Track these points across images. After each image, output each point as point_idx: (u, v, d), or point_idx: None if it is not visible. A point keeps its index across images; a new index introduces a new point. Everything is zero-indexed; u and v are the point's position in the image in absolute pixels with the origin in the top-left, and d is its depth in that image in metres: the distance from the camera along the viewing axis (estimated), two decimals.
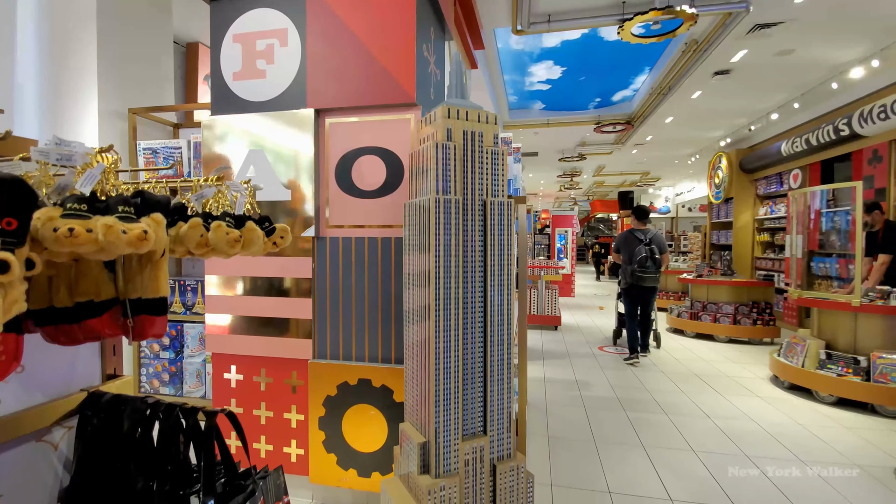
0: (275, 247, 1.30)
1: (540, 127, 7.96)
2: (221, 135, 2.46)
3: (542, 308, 7.12)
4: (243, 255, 1.18)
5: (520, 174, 2.26)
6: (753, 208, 8.89)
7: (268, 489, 0.97)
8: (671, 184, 16.10)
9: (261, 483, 0.95)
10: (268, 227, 1.28)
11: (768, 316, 6.24)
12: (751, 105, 6.82)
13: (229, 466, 1.01)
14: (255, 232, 1.17)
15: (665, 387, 4.29)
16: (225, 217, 1.09)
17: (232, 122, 2.44)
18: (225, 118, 2.46)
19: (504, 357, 1.67)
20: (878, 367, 3.59)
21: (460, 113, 1.62)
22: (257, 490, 0.93)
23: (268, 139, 2.39)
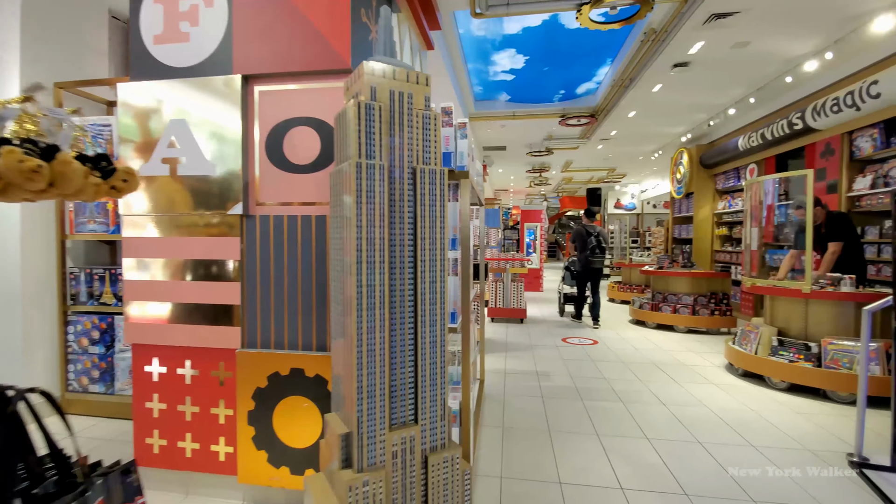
0: (115, 192, 1.10)
1: (506, 119, 7.89)
2: (140, 103, 2.23)
3: (508, 301, 7.06)
4: (58, 195, 0.98)
5: (467, 151, 2.13)
6: (713, 203, 9.11)
7: (110, 489, 0.80)
8: (636, 181, 16.42)
9: (99, 481, 0.78)
10: (106, 168, 1.08)
11: (725, 306, 6.36)
12: (709, 100, 6.94)
13: (59, 460, 0.83)
14: (71, 165, 0.97)
15: (623, 376, 4.27)
16: (24, 143, 0.89)
17: (152, 89, 2.22)
18: (144, 85, 2.23)
19: (437, 342, 1.53)
20: (828, 353, 3.66)
21: (386, 71, 1.47)
22: (91, 489, 0.76)
23: (191, 108, 2.18)
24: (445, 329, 1.55)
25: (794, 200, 4.11)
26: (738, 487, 2.35)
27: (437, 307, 1.53)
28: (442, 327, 1.55)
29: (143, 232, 2.26)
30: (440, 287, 1.54)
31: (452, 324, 2.06)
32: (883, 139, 5.06)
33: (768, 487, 2.35)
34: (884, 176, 5.12)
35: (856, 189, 5.39)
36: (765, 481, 2.41)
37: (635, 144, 10.17)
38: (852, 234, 4.14)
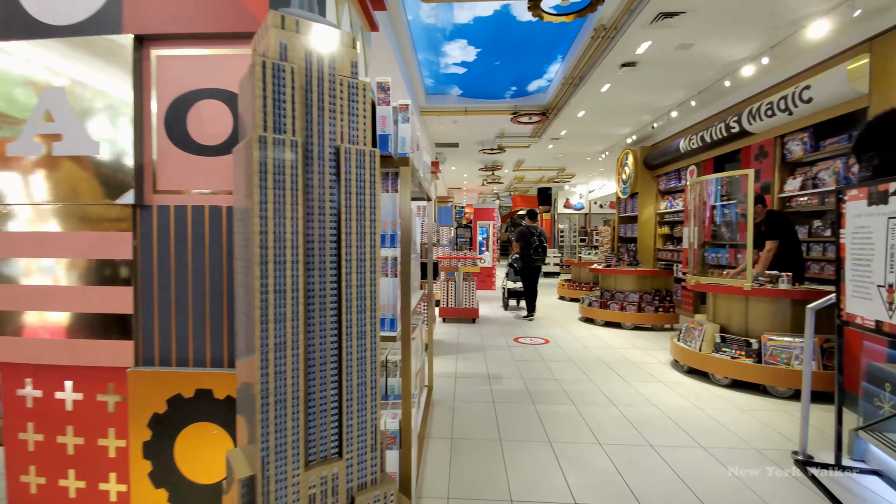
0: None
1: (458, 114, 7.71)
2: (8, 67, 1.79)
3: (459, 301, 6.88)
4: None
5: (410, 137, 1.89)
6: (656, 203, 9.41)
7: None
8: (584, 181, 16.85)
9: None
10: None
11: (668, 303, 6.53)
12: (654, 101, 7.10)
13: None
14: None
15: (574, 376, 4.20)
16: None
17: (23, 50, 1.79)
18: (14, 46, 1.80)
19: (367, 357, 1.28)
20: (768, 348, 3.74)
21: (301, 26, 1.19)
22: None
23: (72, 74, 1.78)
24: (377, 340, 1.30)
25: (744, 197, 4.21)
26: (690, 492, 2.27)
27: (367, 315, 1.28)
28: (373, 338, 1.29)
29: (10, 226, 1.83)
30: (370, 291, 1.28)
31: (391, 331, 1.81)
32: (812, 143, 5.34)
33: (718, 490, 2.29)
34: (812, 178, 5.40)
35: (787, 190, 5.66)
36: (715, 484, 2.35)
37: (584, 145, 10.34)
38: (790, 232, 4.29)
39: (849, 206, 2.39)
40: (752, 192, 3.98)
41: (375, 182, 1.28)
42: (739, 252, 4.74)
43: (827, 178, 5.22)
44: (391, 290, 1.82)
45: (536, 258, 7.10)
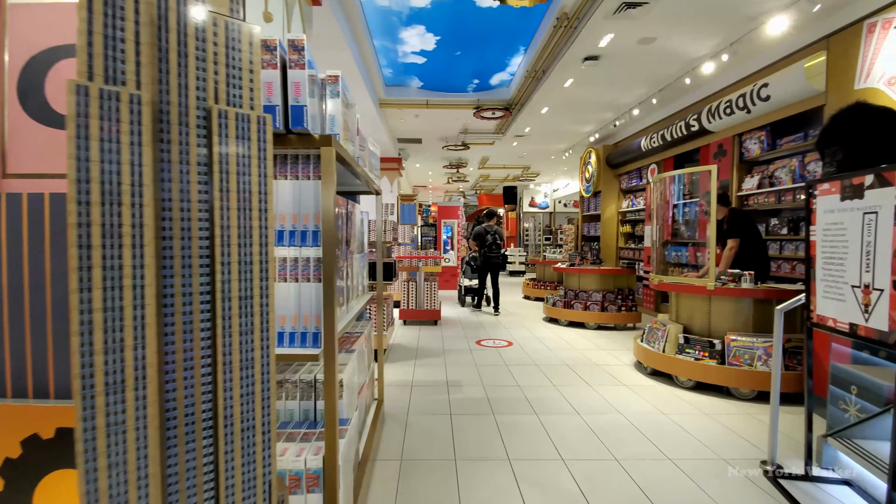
0: None
1: (420, 108, 7.40)
2: None
3: (420, 302, 6.58)
4: None
5: (341, 115, 1.57)
6: (618, 201, 9.44)
7: None
8: (549, 180, 16.91)
9: None
10: None
11: (631, 302, 6.47)
12: (616, 99, 7.04)
13: None
14: None
15: (537, 381, 3.99)
16: None
17: None
18: None
19: (257, 390, 0.96)
20: (731, 349, 3.65)
21: None
22: None
23: None
24: (270, 369, 0.98)
25: (706, 195, 4.13)
26: None
27: (256, 335, 0.96)
28: (265, 367, 0.98)
29: None
30: (260, 304, 0.97)
31: (313, 347, 1.50)
32: (769, 141, 5.36)
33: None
34: (769, 177, 5.43)
35: (744, 189, 5.68)
36: (684, 501, 2.16)
37: (548, 142, 10.26)
38: (752, 230, 4.23)
39: (820, 201, 2.26)
40: (716, 189, 3.88)
41: (266, 159, 0.97)
42: (699, 250, 4.68)
43: (783, 177, 5.25)
44: (314, 297, 1.50)
45: (492, 255, 7.48)
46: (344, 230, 2.08)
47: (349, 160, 1.82)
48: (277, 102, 1.32)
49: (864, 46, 4.06)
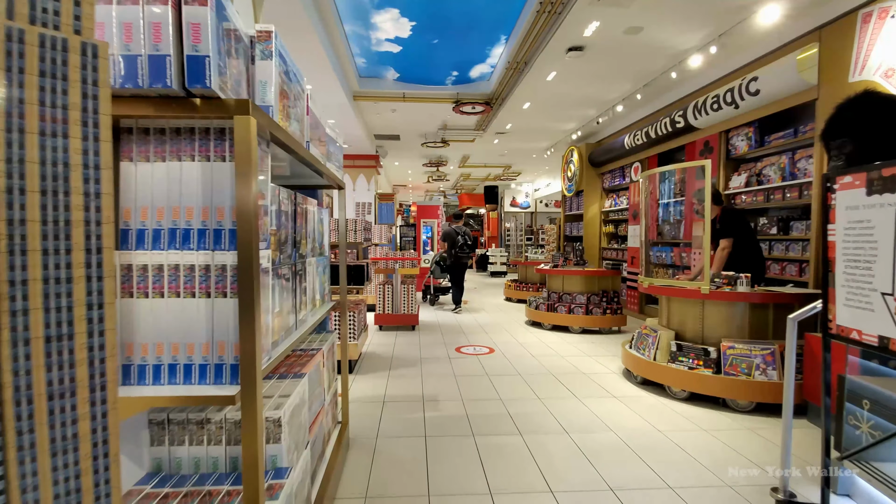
0: None
1: (396, 101, 7.03)
2: None
3: (397, 306, 6.21)
4: None
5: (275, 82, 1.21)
6: (601, 201, 9.25)
7: None
8: (530, 179, 16.73)
9: None
10: None
11: (616, 305, 6.24)
12: (600, 94, 6.81)
13: None
14: None
15: (521, 393, 3.67)
16: None
17: None
18: None
19: (84, 479, 0.59)
20: (727, 357, 3.40)
21: None
22: None
23: None
24: (111, 446, 0.62)
25: (699, 192, 3.87)
26: None
27: (82, 394, 0.59)
28: (101, 443, 0.61)
29: None
30: (89, 343, 0.60)
31: (231, 386, 1.13)
32: (757, 138, 5.19)
33: None
34: (757, 174, 5.26)
35: (732, 187, 5.50)
36: None
37: (530, 140, 10.01)
38: (746, 230, 4.01)
39: (840, 196, 1.99)
40: (710, 186, 3.63)
41: (100, 113, 0.60)
42: (684, 251, 4.44)
43: (772, 175, 5.08)
44: (232, 317, 1.14)
45: (462, 255, 7.67)
46: (289, 229, 1.71)
47: (290, 142, 1.45)
48: (169, 52, 0.95)
49: (859, 37, 3.88)
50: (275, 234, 1.55)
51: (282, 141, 1.40)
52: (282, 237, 1.63)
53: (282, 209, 1.62)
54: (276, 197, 1.50)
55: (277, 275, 1.56)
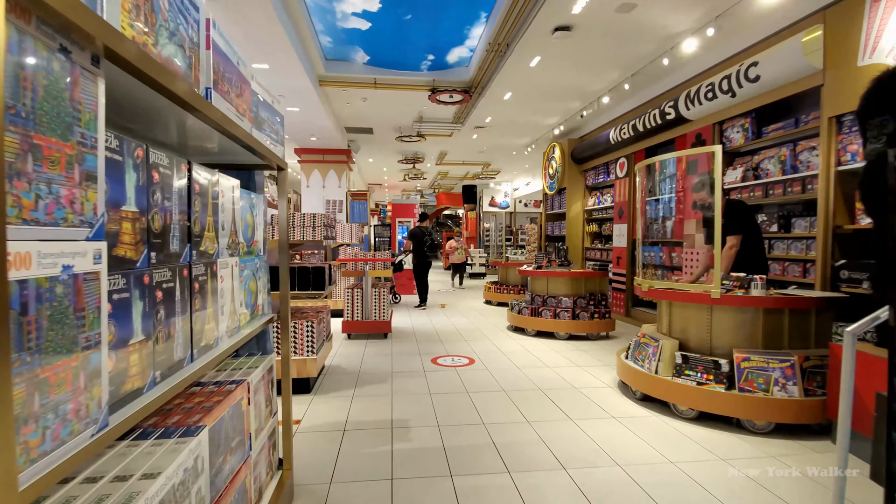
0: None
1: (367, 87, 6.44)
2: None
3: (367, 312, 5.62)
4: None
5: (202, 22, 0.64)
6: (584, 199, 8.88)
7: None
8: (509, 179, 16.34)
9: None
10: None
11: (604, 308, 5.82)
12: (586, 84, 6.40)
13: None
14: None
15: (506, 415, 3.16)
16: None
17: None
18: None
19: None
20: (742, 371, 2.97)
21: None
22: None
23: None
24: None
25: (699, 184, 3.44)
26: None
27: None
28: None
29: None
30: None
31: None
32: (754, 129, 4.84)
33: None
34: (753, 168, 4.91)
35: (727, 182, 5.13)
36: None
37: (509, 136, 9.57)
38: (752, 225, 3.61)
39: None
40: (720, 176, 3.20)
41: None
42: (686, 251, 4.02)
43: (771, 168, 4.73)
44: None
45: (429, 255, 8.21)
46: (173, 214, 1.14)
47: (150, 67, 0.89)
48: None
49: (869, 18, 3.52)
50: (135, 219, 0.99)
51: (129, 62, 0.83)
52: (154, 223, 1.07)
53: (153, 180, 1.05)
54: (128, 152, 0.93)
55: (141, 284, 1.00)
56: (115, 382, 0.89)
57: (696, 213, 3.61)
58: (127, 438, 1.14)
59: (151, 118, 1.23)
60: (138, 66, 0.87)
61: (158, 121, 1.25)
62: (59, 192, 0.71)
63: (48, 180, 0.69)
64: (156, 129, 1.35)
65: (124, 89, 0.99)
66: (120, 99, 1.05)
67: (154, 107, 1.12)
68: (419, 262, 8.09)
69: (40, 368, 0.66)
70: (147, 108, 1.14)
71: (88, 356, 0.77)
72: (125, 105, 1.10)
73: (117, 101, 1.07)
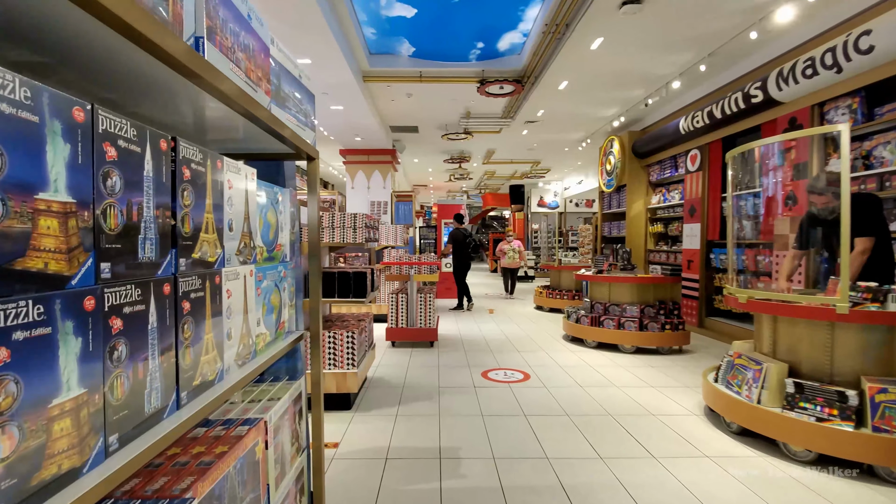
0: None
1: (412, 81, 6.14)
2: None
3: (413, 319, 5.31)
4: None
5: None
6: (647, 197, 8.15)
7: None
8: (559, 177, 15.62)
9: None
10: None
11: (677, 319, 5.17)
12: (652, 69, 5.76)
13: None
14: None
15: (573, 447, 2.70)
16: None
17: None
18: None
19: None
20: (877, 406, 2.34)
21: None
22: None
23: None
24: None
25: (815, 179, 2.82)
26: None
27: None
28: None
29: None
30: None
31: None
32: (864, 110, 4.08)
33: None
34: (864, 156, 4.13)
35: None
36: None
37: (563, 130, 8.98)
38: (883, 224, 2.93)
39: None
40: (847, 162, 2.57)
41: None
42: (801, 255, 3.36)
43: (887, 156, 3.96)
44: None
45: (473, 256, 7.94)
46: (147, 209, 0.81)
47: None
48: None
49: None
50: (67, 213, 0.66)
51: None
52: (108, 221, 0.74)
53: (105, 157, 0.73)
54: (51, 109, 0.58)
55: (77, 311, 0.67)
56: (18, 472, 0.56)
57: (812, 207, 2.97)
58: None
59: (96, 69, 0.88)
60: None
61: (105, 74, 0.91)
62: None
63: None
64: (105, 91, 1.01)
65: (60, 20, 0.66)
66: (35, 24, 0.71)
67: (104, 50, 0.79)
68: (459, 265, 8.00)
69: None
70: (89, 50, 0.80)
71: None
72: (52, 37, 0.76)
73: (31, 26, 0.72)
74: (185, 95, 1.02)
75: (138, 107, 1.10)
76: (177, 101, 1.08)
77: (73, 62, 0.85)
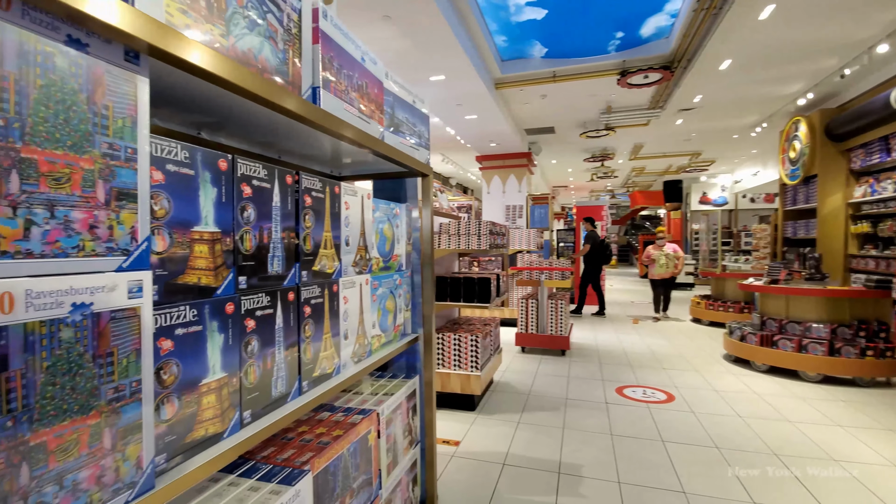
0: None
1: (545, 82, 6.04)
2: None
3: (543, 326, 5.22)
4: None
5: None
6: (846, 189, 6.55)
7: None
8: (728, 169, 13.49)
9: None
10: None
11: (884, 343, 4.05)
12: (847, 33, 4.62)
13: None
14: None
15: (720, 487, 2.34)
16: None
17: None
18: None
19: None
20: None
21: None
22: None
23: None
24: None
25: None
26: None
27: None
28: None
29: None
30: None
31: None
32: None
33: None
34: None
35: None
36: None
37: (728, 116, 7.78)
38: None
39: None
40: None
41: None
42: None
43: None
44: None
45: (608, 258, 7.93)
46: (274, 231, 1.01)
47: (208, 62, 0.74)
48: None
49: None
50: (214, 240, 0.86)
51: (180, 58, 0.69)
52: (244, 244, 0.94)
53: (242, 195, 0.93)
54: (203, 163, 0.79)
55: (221, 314, 0.88)
56: (177, 431, 0.77)
57: None
58: (233, 473, 1.06)
59: (245, 124, 1.14)
60: (193, 63, 0.72)
61: (253, 126, 1.16)
62: (71, 215, 0.58)
63: (49, 202, 0.56)
64: (257, 137, 1.27)
65: (197, 89, 0.88)
66: (198, 99, 0.95)
67: (246, 111, 1.02)
68: (595, 270, 7.82)
69: (29, 434, 0.53)
70: (238, 112, 1.04)
71: (119, 410, 0.64)
72: (211, 107, 1.01)
73: (195, 102, 0.97)
74: (312, 135, 1.23)
75: (286, 145, 1.36)
76: (309, 140, 1.31)
77: (231, 120, 1.11)
